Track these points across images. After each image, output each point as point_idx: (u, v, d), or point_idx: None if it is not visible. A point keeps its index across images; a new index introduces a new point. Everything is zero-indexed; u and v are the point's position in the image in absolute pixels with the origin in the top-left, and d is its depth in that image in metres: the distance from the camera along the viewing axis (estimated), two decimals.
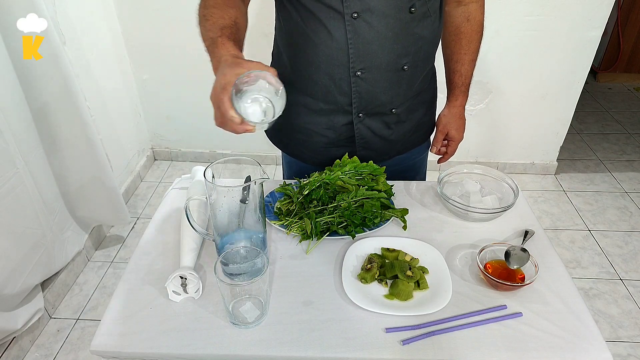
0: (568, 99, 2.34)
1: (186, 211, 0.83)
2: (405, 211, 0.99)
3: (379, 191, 0.99)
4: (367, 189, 0.98)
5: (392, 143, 1.12)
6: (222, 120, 0.73)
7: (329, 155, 1.11)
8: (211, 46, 0.85)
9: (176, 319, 0.79)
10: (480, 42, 1.10)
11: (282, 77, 0.81)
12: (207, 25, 0.88)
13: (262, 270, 0.75)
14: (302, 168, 1.18)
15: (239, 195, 0.79)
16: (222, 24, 0.88)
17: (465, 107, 1.20)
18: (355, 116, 1.05)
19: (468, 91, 1.17)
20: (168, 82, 2.44)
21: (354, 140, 1.09)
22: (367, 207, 0.96)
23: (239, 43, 0.87)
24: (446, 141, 1.21)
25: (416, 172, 1.27)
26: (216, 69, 0.79)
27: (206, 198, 1.00)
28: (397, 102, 1.04)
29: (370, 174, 1.03)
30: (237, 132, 0.74)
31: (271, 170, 2.65)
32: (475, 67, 1.14)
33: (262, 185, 0.80)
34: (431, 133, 1.23)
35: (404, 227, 0.97)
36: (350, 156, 1.07)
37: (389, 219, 0.98)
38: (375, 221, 0.97)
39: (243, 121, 0.71)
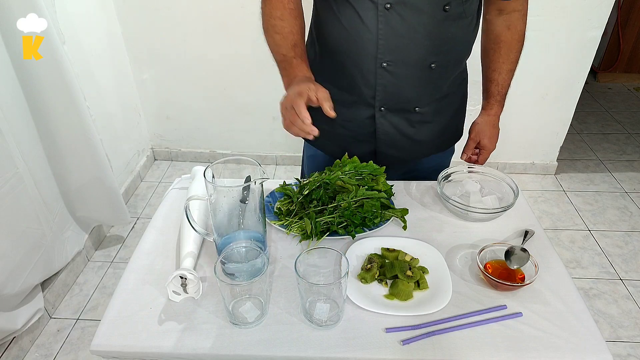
0: (568, 99, 2.34)
1: (186, 211, 0.83)
2: (405, 211, 0.99)
3: (379, 191, 0.99)
4: (367, 189, 0.98)
5: (416, 144, 1.11)
6: (293, 120, 0.87)
7: (351, 150, 1.09)
8: (284, 62, 0.98)
9: (176, 319, 0.79)
10: (520, 52, 1.10)
11: (311, 66, 0.99)
12: (276, 39, 0.98)
13: (262, 270, 0.75)
14: (322, 163, 1.18)
15: (239, 196, 0.79)
16: (292, 40, 0.97)
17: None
18: (377, 110, 1.05)
19: (504, 101, 1.17)
20: (168, 82, 2.44)
21: (375, 136, 1.09)
22: (367, 207, 0.95)
23: (307, 60, 0.99)
24: (477, 149, 1.20)
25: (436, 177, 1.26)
26: (288, 84, 0.95)
27: (206, 198, 1.01)
28: (422, 101, 1.04)
29: (370, 173, 1.02)
30: (303, 133, 0.88)
31: (271, 170, 2.65)
32: (511, 74, 1.15)
33: (262, 185, 0.80)
34: (457, 139, 1.23)
35: (404, 227, 0.97)
36: (372, 154, 1.07)
37: (388, 219, 0.98)
38: (375, 221, 0.96)
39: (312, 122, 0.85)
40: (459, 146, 1.24)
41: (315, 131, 0.86)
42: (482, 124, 1.18)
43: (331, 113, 0.87)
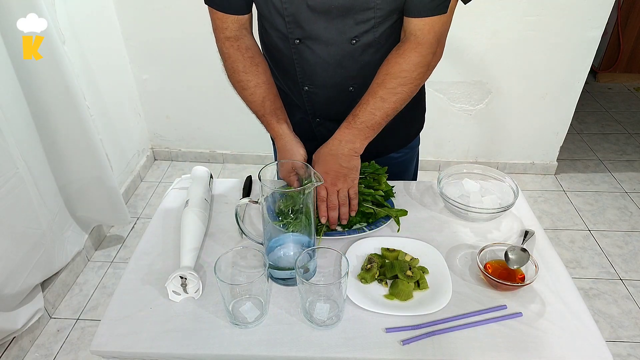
0: (568, 99, 2.34)
1: (236, 215, 0.84)
2: (403, 212, 0.99)
3: (383, 191, 1.00)
4: (365, 187, 0.99)
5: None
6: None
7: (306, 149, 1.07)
8: (260, 118, 1.03)
9: (176, 319, 0.79)
10: (405, 87, 0.91)
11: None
12: (246, 96, 1.01)
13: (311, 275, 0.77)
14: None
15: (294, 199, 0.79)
16: (260, 94, 1.00)
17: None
18: (313, 120, 1.09)
19: (361, 133, 0.93)
20: (168, 82, 2.44)
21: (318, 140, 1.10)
22: (364, 206, 0.96)
23: (278, 110, 1.01)
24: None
25: (402, 175, 1.24)
26: (277, 140, 1.01)
27: (205, 199, 1.01)
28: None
29: (372, 173, 1.03)
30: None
31: (271, 170, 2.65)
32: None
33: (314, 190, 0.81)
34: (415, 135, 1.21)
35: (398, 230, 0.97)
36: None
37: (389, 220, 0.98)
38: (369, 220, 0.97)
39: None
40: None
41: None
42: (321, 151, 0.97)
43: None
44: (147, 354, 0.75)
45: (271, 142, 1.22)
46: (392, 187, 1.04)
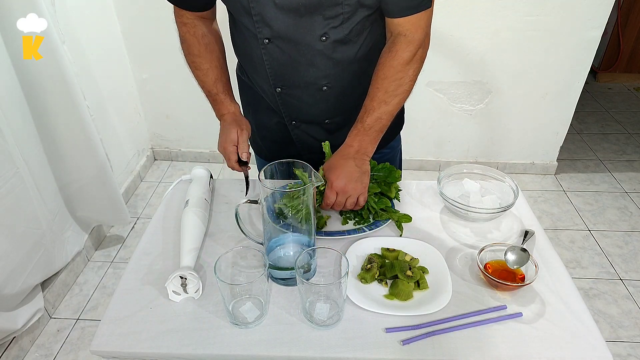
0: (568, 99, 2.34)
1: (237, 216, 0.84)
2: (407, 218, 0.98)
3: (389, 198, 1.01)
4: (373, 182, 0.99)
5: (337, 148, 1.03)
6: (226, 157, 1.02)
7: (281, 154, 1.06)
8: (210, 98, 1.07)
9: (176, 319, 0.79)
10: (402, 87, 0.92)
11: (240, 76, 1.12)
12: (199, 76, 1.05)
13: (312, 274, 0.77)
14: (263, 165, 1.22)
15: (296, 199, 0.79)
16: (213, 76, 1.04)
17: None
18: (289, 123, 1.08)
19: (371, 136, 0.94)
20: (168, 82, 2.44)
21: (294, 143, 1.11)
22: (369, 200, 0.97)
23: (230, 91, 1.07)
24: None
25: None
26: (219, 121, 1.07)
27: (205, 199, 1.01)
28: (329, 115, 1.04)
29: (384, 180, 1.01)
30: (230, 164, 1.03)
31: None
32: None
33: (314, 190, 0.80)
34: (395, 135, 1.20)
35: (400, 235, 0.96)
36: (299, 157, 1.07)
37: (388, 220, 0.98)
38: (367, 219, 0.98)
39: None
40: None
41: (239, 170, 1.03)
42: (332, 158, 0.96)
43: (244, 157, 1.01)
44: (147, 354, 0.75)
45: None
46: (400, 190, 1.04)
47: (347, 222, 1.00)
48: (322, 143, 1.02)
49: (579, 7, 2.05)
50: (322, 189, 0.94)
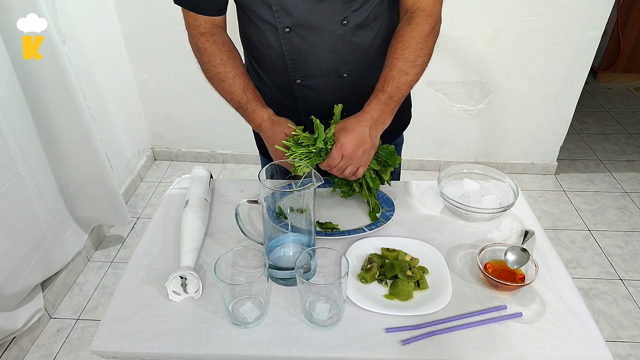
0: (568, 99, 2.34)
1: (237, 216, 0.84)
2: (377, 209, 1.00)
3: (382, 181, 1.01)
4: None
5: None
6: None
7: None
8: (241, 109, 1.01)
9: (176, 319, 0.79)
10: (422, 57, 0.93)
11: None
12: (225, 87, 1.00)
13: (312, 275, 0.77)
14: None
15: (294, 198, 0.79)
16: (241, 84, 0.99)
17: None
18: (305, 119, 1.07)
19: (389, 106, 0.93)
20: (168, 82, 2.44)
21: None
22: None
23: (259, 97, 1.01)
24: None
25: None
26: (259, 131, 1.01)
27: (205, 199, 1.01)
28: (346, 106, 1.03)
29: (385, 160, 1.00)
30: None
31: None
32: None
33: (314, 190, 0.80)
34: (401, 132, 1.22)
35: (389, 183, 1.00)
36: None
37: (388, 220, 0.98)
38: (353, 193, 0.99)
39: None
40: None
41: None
42: (348, 120, 0.93)
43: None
44: (147, 354, 0.75)
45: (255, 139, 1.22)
46: (392, 177, 1.04)
47: (336, 190, 1.01)
48: (335, 105, 0.98)
49: (579, 7, 2.05)
50: (329, 147, 0.91)
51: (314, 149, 0.91)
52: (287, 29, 0.92)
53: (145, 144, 2.65)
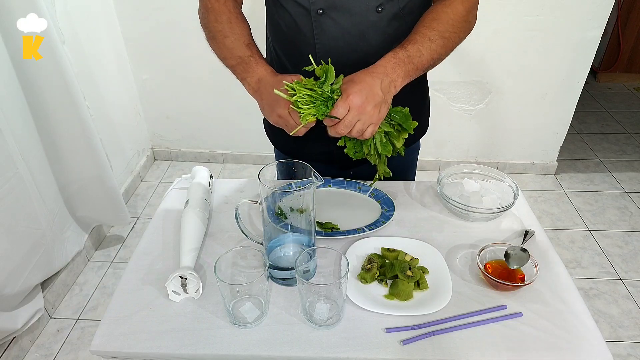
0: (568, 99, 2.34)
1: (237, 216, 0.84)
2: (387, 173, 0.94)
3: (394, 147, 0.93)
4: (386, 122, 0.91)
5: None
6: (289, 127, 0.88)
7: (310, 150, 1.07)
8: (241, 65, 0.93)
9: (176, 319, 0.79)
10: (453, 33, 0.91)
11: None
12: (228, 43, 0.94)
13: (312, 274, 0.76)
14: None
15: (294, 199, 0.78)
16: (245, 41, 0.95)
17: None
18: None
19: (406, 70, 0.86)
20: (168, 82, 2.44)
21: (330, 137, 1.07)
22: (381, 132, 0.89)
23: (263, 57, 0.95)
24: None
25: (404, 175, 1.22)
26: (256, 87, 0.91)
27: (205, 199, 1.01)
28: None
29: (399, 124, 0.92)
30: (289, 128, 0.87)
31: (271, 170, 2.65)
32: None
33: (314, 190, 0.80)
34: (418, 138, 1.19)
35: (375, 180, 0.96)
36: (327, 153, 1.04)
37: (388, 220, 0.98)
38: (389, 151, 0.90)
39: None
40: (429, 138, 1.19)
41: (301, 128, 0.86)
42: (357, 73, 0.85)
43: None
44: (147, 354, 0.75)
45: (267, 137, 1.21)
46: (404, 145, 0.95)
47: (343, 143, 0.92)
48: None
49: (579, 7, 2.05)
50: (336, 97, 0.82)
51: (320, 91, 0.81)
52: (320, 11, 0.90)
53: (145, 144, 2.65)
